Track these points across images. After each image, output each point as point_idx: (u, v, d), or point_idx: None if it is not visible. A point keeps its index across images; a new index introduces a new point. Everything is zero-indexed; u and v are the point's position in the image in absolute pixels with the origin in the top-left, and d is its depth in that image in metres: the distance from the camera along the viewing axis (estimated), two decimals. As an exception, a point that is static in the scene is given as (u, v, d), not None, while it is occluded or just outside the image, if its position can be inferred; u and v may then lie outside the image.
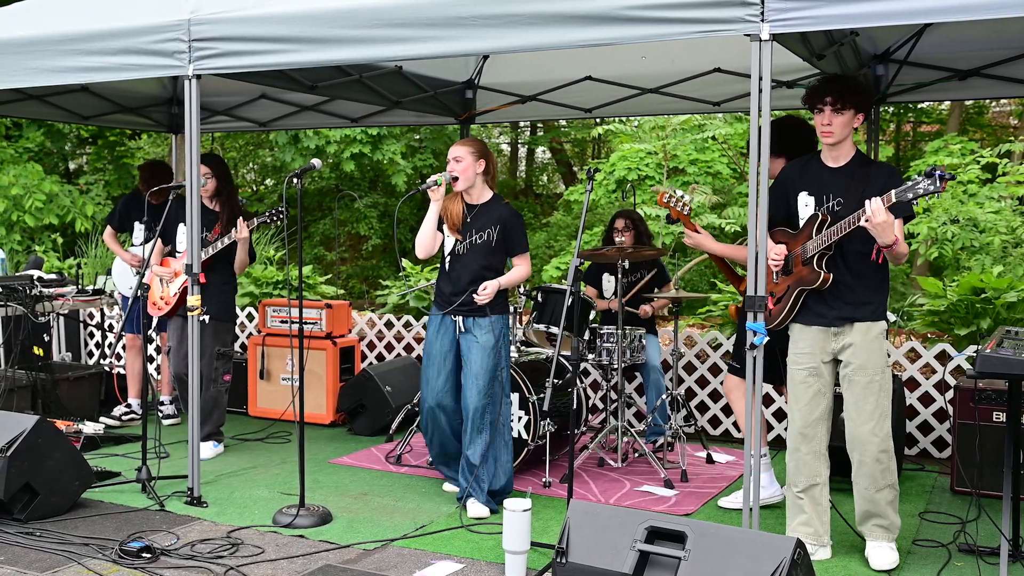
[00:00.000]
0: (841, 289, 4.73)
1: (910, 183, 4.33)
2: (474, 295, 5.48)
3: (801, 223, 4.84)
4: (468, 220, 5.60)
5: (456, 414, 5.67)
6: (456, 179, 5.56)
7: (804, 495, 4.86)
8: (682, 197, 5.41)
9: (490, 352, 5.54)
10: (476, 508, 5.52)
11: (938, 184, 4.25)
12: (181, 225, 6.83)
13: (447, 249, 5.65)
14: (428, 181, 5.49)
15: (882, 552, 4.76)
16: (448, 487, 5.99)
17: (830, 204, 4.75)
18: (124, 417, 7.85)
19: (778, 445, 6.69)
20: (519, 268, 5.64)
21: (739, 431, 7.42)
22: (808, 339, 4.82)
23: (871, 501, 4.76)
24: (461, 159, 5.55)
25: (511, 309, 6.51)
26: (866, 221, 4.42)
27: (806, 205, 4.85)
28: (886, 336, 4.80)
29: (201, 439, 6.82)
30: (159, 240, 6.93)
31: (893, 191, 4.37)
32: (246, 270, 6.88)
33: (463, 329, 5.58)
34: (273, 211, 6.54)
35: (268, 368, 8.03)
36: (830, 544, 4.91)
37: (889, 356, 4.83)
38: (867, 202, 4.42)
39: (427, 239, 5.63)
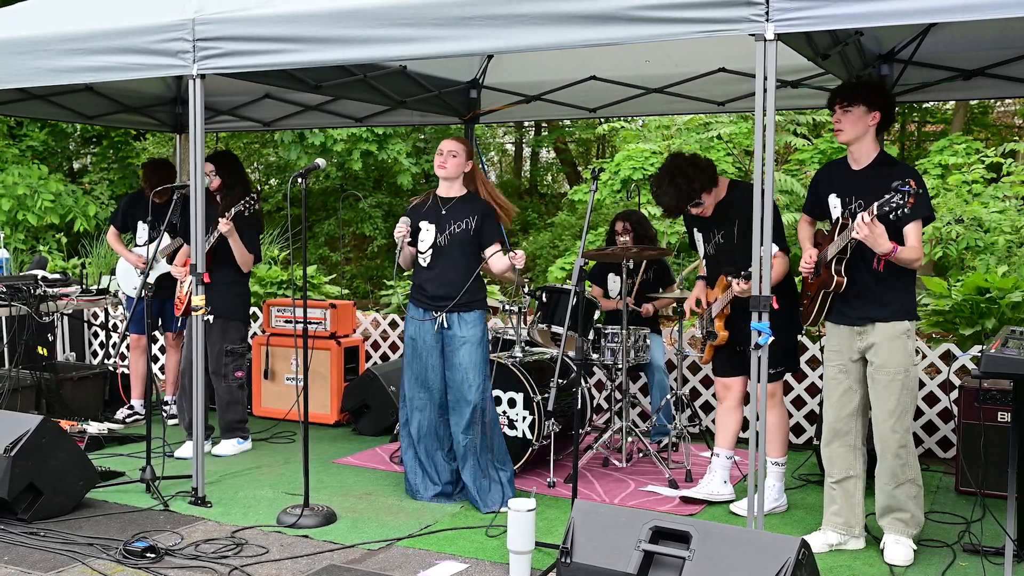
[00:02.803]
0: (862, 290, 4.79)
1: (886, 197, 4.44)
2: (514, 262, 5.46)
3: (831, 225, 4.94)
4: (444, 212, 5.66)
5: (445, 415, 5.73)
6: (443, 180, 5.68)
7: (837, 486, 4.97)
8: None
9: (477, 346, 5.59)
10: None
11: (905, 199, 4.37)
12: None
13: (425, 244, 5.67)
14: (396, 233, 5.63)
15: (898, 547, 4.79)
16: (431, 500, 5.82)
17: (853, 206, 4.79)
18: (127, 419, 7.85)
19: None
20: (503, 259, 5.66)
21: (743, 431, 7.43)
22: (837, 338, 4.94)
23: (891, 496, 4.83)
24: (457, 154, 5.65)
25: (516, 308, 6.52)
26: (855, 234, 4.52)
27: (835, 207, 4.93)
28: (911, 335, 4.81)
29: (222, 435, 6.89)
30: (173, 239, 6.96)
31: (876, 204, 4.47)
32: (253, 268, 6.89)
33: (445, 326, 5.62)
34: (245, 201, 6.57)
35: (272, 368, 8.03)
36: (863, 536, 4.99)
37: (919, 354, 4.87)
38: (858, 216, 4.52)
39: (408, 262, 5.77)
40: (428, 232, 5.66)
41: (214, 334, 6.72)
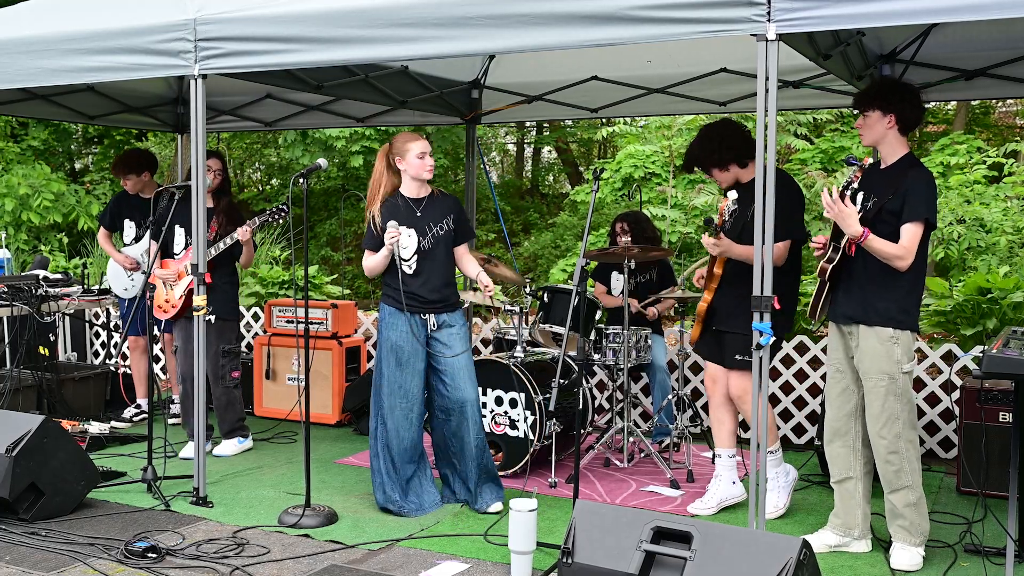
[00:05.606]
0: (853, 287, 4.78)
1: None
2: (479, 290, 5.52)
3: None
4: (419, 214, 5.51)
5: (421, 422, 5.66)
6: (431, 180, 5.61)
7: (837, 487, 4.98)
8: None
9: (467, 338, 5.61)
10: (497, 504, 5.58)
11: (855, 171, 4.65)
12: (177, 226, 6.77)
13: (409, 251, 5.46)
14: (389, 239, 5.37)
15: (904, 553, 4.76)
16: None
17: (868, 204, 4.79)
18: (135, 418, 7.85)
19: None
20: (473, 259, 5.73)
21: (745, 431, 7.42)
22: (833, 336, 4.96)
23: (888, 501, 4.80)
24: (432, 153, 5.56)
25: (518, 308, 6.52)
26: (827, 212, 4.61)
27: (857, 204, 4.92)
28: (900, 343, 4.68)
29: (223, 436, 6.88)
30: (153, 242, 6.94)
31: (845, 181, 4.63)
32: (251, 269, 6.92)
33: (435, 326, 5.52)
34: (275, 208, 6.54)
35: (274, 368, 8.04)
36: (865, 539, 4.96)
37: (914, 361, 4.83)
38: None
39: (381, 268, 5.51)
40: (410, 238, 5.47)
41: (212, 336, 6.69)
